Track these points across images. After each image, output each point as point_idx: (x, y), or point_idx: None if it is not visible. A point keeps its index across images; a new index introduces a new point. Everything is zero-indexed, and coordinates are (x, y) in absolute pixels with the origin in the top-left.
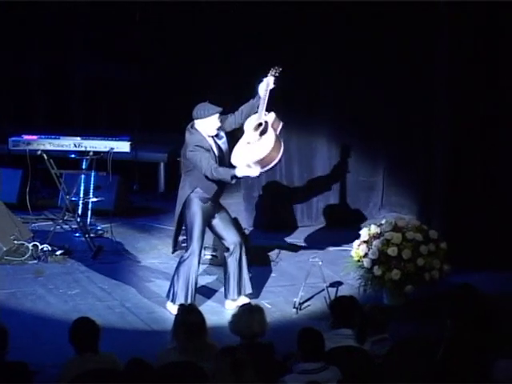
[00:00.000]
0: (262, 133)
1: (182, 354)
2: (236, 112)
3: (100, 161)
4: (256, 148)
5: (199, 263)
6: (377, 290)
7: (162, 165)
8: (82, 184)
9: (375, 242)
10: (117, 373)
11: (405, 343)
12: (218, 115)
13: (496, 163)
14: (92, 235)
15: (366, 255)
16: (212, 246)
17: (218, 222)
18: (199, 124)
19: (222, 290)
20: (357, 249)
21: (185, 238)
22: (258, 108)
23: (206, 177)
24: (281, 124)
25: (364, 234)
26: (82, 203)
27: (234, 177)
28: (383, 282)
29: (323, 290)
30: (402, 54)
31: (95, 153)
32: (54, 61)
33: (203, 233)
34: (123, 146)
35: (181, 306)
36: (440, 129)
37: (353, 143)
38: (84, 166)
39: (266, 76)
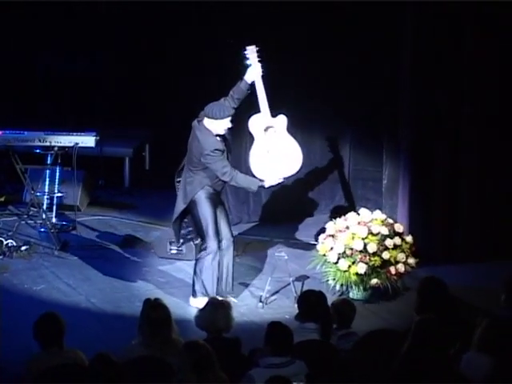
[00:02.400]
0: (281, 140)
1: (148, 349)
2: (228, 98)
3: (65, 156)
4: (283, 160)
5: (218, 258)
6: (343, 284)
7: (127, 160)
8: (47, 179)
9: (341, 236)
10: (82, 368)
11: (371, 337)
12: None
13: (459, 156)
14: (57, 230)
15: (331, 249)
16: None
17: (217, 215)
18: (211, 123)
19: (189, 284)
20: (322, 243)
21: (188, 229)
22: (246, 91)
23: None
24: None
25: (330, 227)
26: (47, 198)
27: (261, 187)
28: (349, 275)
29: (289, 284)
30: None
31: (60, 148)
32: (17, 55)
33: (217, 226)
34: (88, 141)
35: (147, 300)
36: (405, 124)
37: (317, 136)
38: (49, 161)
39: (247, 60)
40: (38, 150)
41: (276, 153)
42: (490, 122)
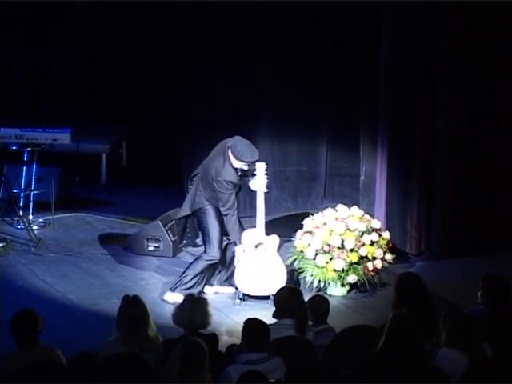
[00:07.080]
0: (269, 260)
1: (125, 346)
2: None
3: (42, 153)
4: (265, 279)
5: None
6: (320, 280)
7: (103, 156)
8: (24, 176)
9: (318, 232)
10: (58, 365)
11: (348, 333)
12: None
13: (436, 153)
14: (34, 227)
15: (309, 245)
16: (155, 238)
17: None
18: (231, 155)
19: (166, 281)
20: (300, 239)
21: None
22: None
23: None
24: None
25: (307, 224)
26: (24, 195)
27: (234, 243)
28: (326, 271)
29: None
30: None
31: (36, 145)
32: None
33: (222, 235)
34: (64, 138)
35: (125, 297)
36: (382, 121)
37: (295, 134)
38: (25, 158)
39: (254, 175)
40: (14, 147)
41: (261, 271)
42: (467, 121)
